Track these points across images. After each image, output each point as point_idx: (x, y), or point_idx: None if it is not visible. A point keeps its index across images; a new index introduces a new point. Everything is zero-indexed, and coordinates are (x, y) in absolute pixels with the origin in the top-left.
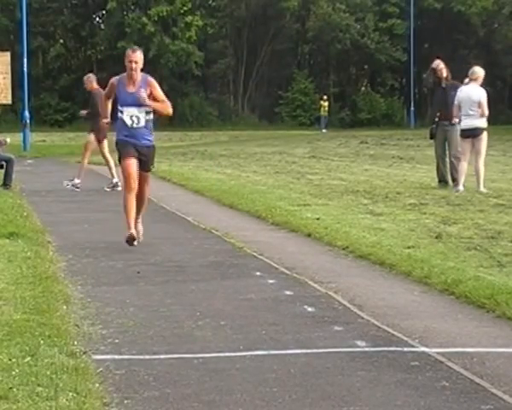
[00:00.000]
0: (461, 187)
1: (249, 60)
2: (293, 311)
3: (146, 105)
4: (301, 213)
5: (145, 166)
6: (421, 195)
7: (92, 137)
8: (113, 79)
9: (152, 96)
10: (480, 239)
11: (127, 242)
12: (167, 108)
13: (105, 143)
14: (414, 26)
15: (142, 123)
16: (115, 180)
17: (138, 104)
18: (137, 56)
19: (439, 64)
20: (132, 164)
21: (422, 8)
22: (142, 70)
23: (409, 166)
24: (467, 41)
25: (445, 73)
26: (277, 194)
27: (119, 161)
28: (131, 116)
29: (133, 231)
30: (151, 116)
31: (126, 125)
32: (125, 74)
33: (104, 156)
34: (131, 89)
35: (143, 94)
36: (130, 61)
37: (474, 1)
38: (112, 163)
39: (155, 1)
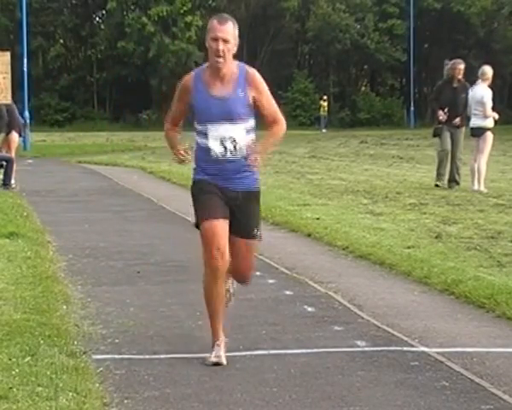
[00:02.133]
0: (475, 186)
1: (249, 60)
2: (293, 311)
3: (243, 118)
4: (301, 212)
5: (246, 228)
6: (420, 195)
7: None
8: (187, 78)
9: (256, 106)
10: (479, 239)
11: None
12: (280, 132)
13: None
14: (414, 26)
15: (242, 151)
16: None
17: (234, 117)
18: (228, 31)
19: (460, 63)
20: (219, 228)
21: (422, 9)
22: (234, 57)
23: (409, 166)
24: (466, 41)
25: (461, 74)
26: (277, 194)
27: (198, 223)
28: (223, 140)
29: (222, 347)
30: (254, 134)
31: (213, 155)
32: (205, 66)
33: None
34: (220, 90)
35: (247, 121)
36: (216, 39)
37: (473, 1)
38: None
39: (155, 1)
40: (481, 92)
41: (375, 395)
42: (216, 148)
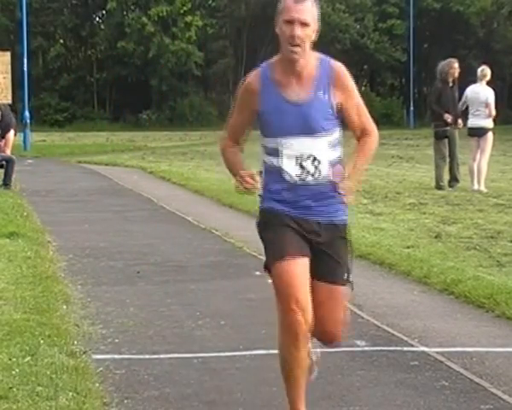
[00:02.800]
0: (475, 186)
1: (249, 60)
2: None
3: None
4: None
5: (332, 270)
6: (420, 194)
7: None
8: (251, 77)
9: (341, 112)
10: (479, 239)
11: None
12: (373, 147)
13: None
14: (413, 26)
15: (325, 171)
16: None
17: (315, 128)
18: (306, 11)
19: (455, 62)
20: (297, 271)
21: (422, 9)
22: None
23: (408, 166)
24: (466, 41)
25: (456, 74)
26: None
27: (267, 263)
28: (300, 158)
29: None
30: (340, 149)
31: (287, 178)
32: (274, 60)
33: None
34: (297, 92)
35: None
36: (291, 21)
37: (472, 1)
38: None
39: (155, 1)
40: (485, 93)
41: (374, 395)
42: (291, 169)
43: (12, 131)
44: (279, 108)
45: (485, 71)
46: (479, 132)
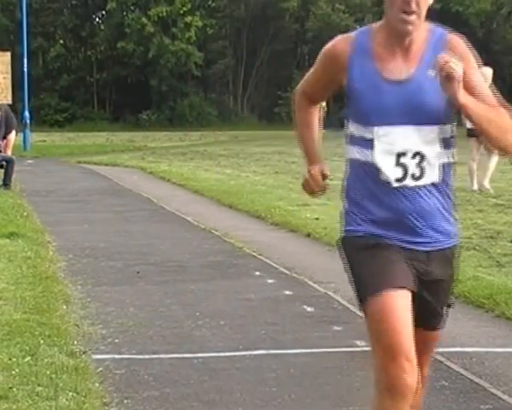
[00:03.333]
0: (475, 186)
1: (249, 60)
2: (293, 311)
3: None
4: (300, 213)
5: (432, 313)
6: None
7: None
8: (339, 42)
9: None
10: (479, 239)
11: None
12: (504, 117)
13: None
14: None
15: (433, 176)
16: None
17: (422, 115)
18: None
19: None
20: (403, 315)
21: None
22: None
23: None
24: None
25: None
26: (277, 194)
27: (362, 299)
28: (402, 155)
29: None
30: (454, 150)
31: (382, 180)
32: (373, 27)
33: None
34: (400, 68)
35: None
36: None
37: (472, 1)
38: None
39: (155, 1)
40: None
41: None
42: (388, 168)
43: (13, 132)
44: (375, 85)
45: (483, 72)
46: (477, 133)
